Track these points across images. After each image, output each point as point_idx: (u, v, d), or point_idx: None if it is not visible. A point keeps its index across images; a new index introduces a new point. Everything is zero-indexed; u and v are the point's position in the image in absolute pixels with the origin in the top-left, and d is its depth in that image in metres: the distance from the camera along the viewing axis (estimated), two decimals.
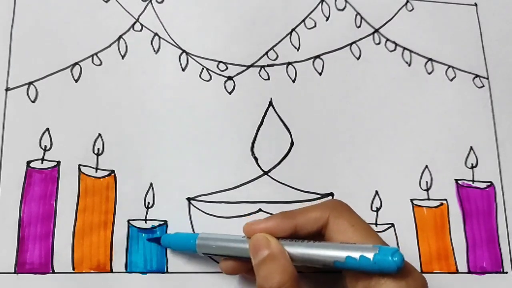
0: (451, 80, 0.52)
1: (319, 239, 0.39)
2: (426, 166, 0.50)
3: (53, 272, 0.44)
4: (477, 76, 0.53)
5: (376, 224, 0.48)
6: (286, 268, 0.38)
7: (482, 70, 0.53)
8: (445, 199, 0.49)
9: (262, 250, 0.39)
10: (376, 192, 0.48)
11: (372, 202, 0.48)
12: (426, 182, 0.49)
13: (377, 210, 0.48)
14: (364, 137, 0.50)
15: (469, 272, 0.48)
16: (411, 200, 0.49)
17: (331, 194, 0.48)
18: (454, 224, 0.49)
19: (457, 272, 0.48)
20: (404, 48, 0.52)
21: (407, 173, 0.49)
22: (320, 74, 0.51)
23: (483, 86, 0.52)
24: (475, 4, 0.54)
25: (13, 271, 0.43)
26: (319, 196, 0.48)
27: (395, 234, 0.48)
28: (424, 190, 0.49)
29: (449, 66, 0.52)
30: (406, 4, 0.54)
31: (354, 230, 0.38)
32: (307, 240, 0.39)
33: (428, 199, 0.49)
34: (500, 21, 0.54)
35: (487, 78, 0.53)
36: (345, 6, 0.53)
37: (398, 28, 0.53)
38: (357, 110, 0.50)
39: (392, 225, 0.48)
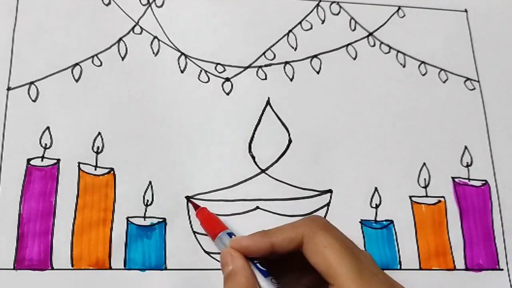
0: (444, 82, 0.53)
1: (300, 257, 0.40)
2: (424, 164, 0.50)
3: (52, 268, 0.43)
4: (468, 79, 0.54)
5: (375, 220, 0.48)
6: (241, 284, 0.39)
7: (473, 73, 0.54)
8: (443, 197, 0.50)
9: (226, 266, 0.40)
10: (376, 189, 0.49)
11: (372, 199, 0.49)
12: (424, 179, 0.50)
13: (377, 206, 0.49)
14: (362, 135, 0.50)
15: (466, 269, 0.48)
16: (410, 197, 0.49)
17: (330, 191, 0.48)
18: (452, 221, 0.49)
19: (454, 269, 0.48)
20: (398, 51, 0.53)
21: (405, 170, 0.50)
22: (318, 73, 0.52)
23: (474, 88, 0.54)
24: (465, 10, 0.56)
25: (12, 267, 0.43)
26: (318, 193, 0.48)
27: (395, 231, 0.48)
28: (422, 187, 0.50)
29: (441, 69, 0.54)
30: (397, 11, 0.55)
31: (328, 252, 0.38)
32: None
33: (426, 196, 0.49)
34: (490, 26, 0.56)
35: (478, 81, 0.54)
36: (340, 11, 0.54)
37: (391, 33, 0.54)
38: (355, 108, 0.51)
39: (391, 222, 0.48)
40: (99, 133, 0.47)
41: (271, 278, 0.40)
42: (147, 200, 0.46)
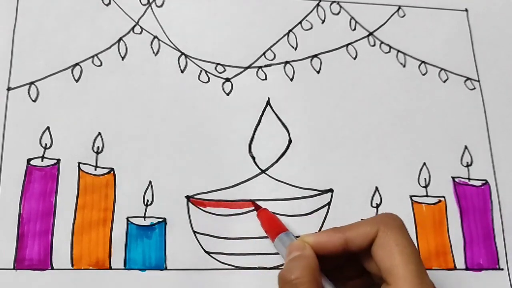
0: (444, 82, 0.53)
1: (368, 254, 0.40)
2: (424, 164, 0.50)
3: (52, 268, 0.43)
4: (468, 78, 0.54)
5: None
6: (310, 267, 0.39)
7: (473, 73, 0.54)
8: (443, 196, 0.50)
9: (295, 251, 0.40)
10: (376, 189, 0.49)
11: (372, 199, 0.49)
12: (425, 179, 0.50)
13: (377, 206, 0.49)
14: (363, 134, 0.50)
15: (467, 268, 0.48)
16: (410, 196, 0.49)
17: (331, 190, 0.48)
18: (452, 221, 0.49)
19: (455, 268, 0.48)
20: (398, 51, 0.54)
21: (405, 170, 0.50)
22: (318, 72, 0.52)
23: (474, 88, 0.54)
24: (466, 10, 0.56)
25: (12, 267, 0.43)
26: (318, 192, 0.48)
27: None
28: (423, 187, 0.50)
29: (442, 69, 0.54)
30: (397, 10, 0.55)
31: (397, 250, 0.38)
32: None
33: (427, 195, 0.49)
34: (490, 26, 0.56)
35: (478, 81, 0.54)
36: (340, 11, 0.54)
37: (391, 32, 0.54)
38: (355, 108, 0.51)
39: None
40: (99, 133, 0.47)
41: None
42: (147, 200, 0.46)
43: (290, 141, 0.49)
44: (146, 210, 0.46)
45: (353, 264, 0.42)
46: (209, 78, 0.50)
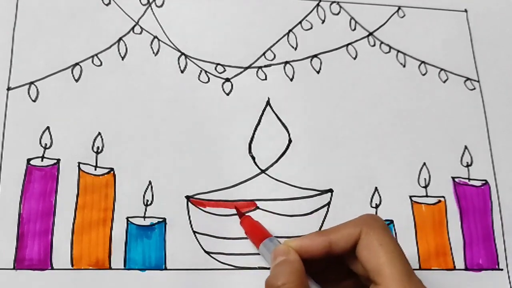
0: (444, 82, 0.53)
1: (353, 256, 0.40)
2: (424, 164, 0.50)
3: (52, 268, 0.43)
4: (468, 79, 0.54)
5: None
6: (296, 272, 0.39)
7: (473, 73, 0.54)
8: (443, 196, 0.50)
9: (280, 256, 0.40)
10: (376, 189, 0.49)
11: (372, 199, 0.49)
12: (425, 179, 0.50)
13: (377, 206, 0.49)
14: (362, 134, 0.51)
15: (466, 269, 0.48)
16: (410, 197, 0.49)
17: (331, 190, 0.48)
18: (452, 221, 0.49)
19: (454, 269, 0.48)
20: (398, 51, 0.54)
21: (405, 170, 0.50)
22: (318, 72, 0.52)
23: (474, 88, 0.54)
24: (465, 10, 0.56)
25: (12, 267, 0.43)
26: (318, 192, 0.48)
27: (395, 231, 0.48)
28: (423, 187, 0.50)
29: (441, 69, 0.54)
30: (397, 11, 0.55)
31: (382, 250, 0.38)
32: None
33: (427, 196, 0.50)
34: (490, 26, 0.56)
35: (478, 81, 0.54)
36: (340, 11, 0.54)
37: (391, 33, 0.54)
38: (355, 108, 0.51)
39: (392, 221, 0.48)
40: (99, 133, 0.47)
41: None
42: (147, 200, 0.46)
43: (290, 141, 0.49)
44: (146, 210, 0.46)
45: (339, 267, 0.42)
46: (209, 78, 0.50)
